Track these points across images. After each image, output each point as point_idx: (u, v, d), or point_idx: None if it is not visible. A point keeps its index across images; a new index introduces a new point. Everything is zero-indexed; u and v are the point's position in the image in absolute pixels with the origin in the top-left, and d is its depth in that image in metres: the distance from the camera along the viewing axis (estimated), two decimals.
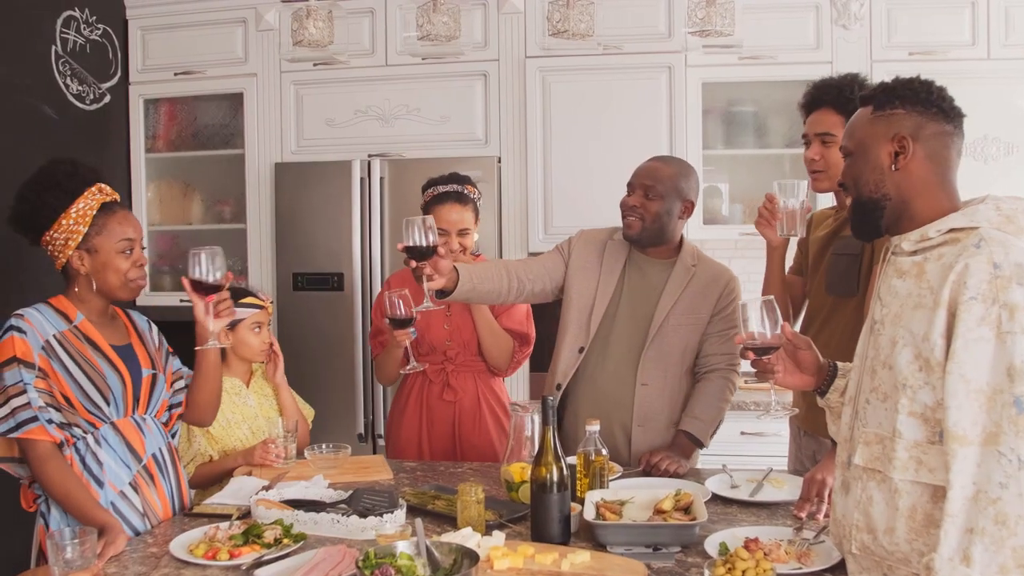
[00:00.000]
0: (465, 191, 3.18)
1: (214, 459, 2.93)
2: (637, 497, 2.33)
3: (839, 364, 2.05)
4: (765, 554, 1.94)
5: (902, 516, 1.68)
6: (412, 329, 2.87)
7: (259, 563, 2.03)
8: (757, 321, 2.00)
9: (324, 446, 2.88)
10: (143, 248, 2.46)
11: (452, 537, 2.04)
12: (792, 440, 2.93)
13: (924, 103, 1.77)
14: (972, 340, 1.59)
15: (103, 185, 2.43)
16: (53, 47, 4.19)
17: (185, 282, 2.37)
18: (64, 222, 2.35)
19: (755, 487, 2.56)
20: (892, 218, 1.80)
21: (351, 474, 2.76)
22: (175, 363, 2.63)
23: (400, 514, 2.24)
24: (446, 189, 3.16)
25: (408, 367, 2.92)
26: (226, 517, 2.34)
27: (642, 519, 2.23)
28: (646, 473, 2.72)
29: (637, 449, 2.85)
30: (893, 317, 1.74)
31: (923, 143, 1.76)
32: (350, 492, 2.45)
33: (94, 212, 2.37)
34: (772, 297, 2.03)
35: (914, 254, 1.75)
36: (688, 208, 2.90)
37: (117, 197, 2.47)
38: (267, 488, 2.51)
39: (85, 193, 2.38)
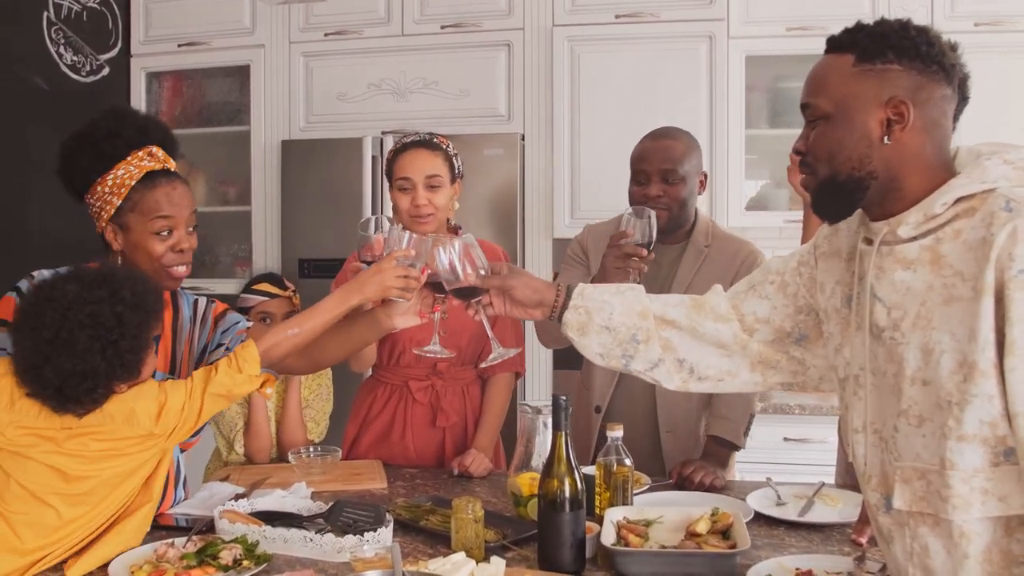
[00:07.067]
0: (435, 140, 2.63)
1: (224, 458, 2.81)
2: (667, 516, 1.97)
3: (577, 289, 1.81)
4: None
5: (975, 562, 1.33)
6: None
7: None
8: (449, 263, 1.90)
9: (311, 448, 2.55)
10: (191, 230, 2.07)
11: (440, 564, 1.69)
12: (839, 450, 2.54)
13: (924, 58, 1.39)
14: None
15: (155, 149, 2.05)
16: (45, 13, 3.91)
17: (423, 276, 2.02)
18: (100, 189, 2.01)
19: (804, 505, 2.19)
20: (876, 198, 1.44)
21: (340, 481, 2.42)
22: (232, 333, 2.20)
23: (386, 532, 1.90)
24: (411, 139, 2.62)
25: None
26: (188, 530, 2.01)
27: (672, 543, 1.87)
28: (678, 487, 2.36)
29: (669, 460, 2.49)
30: (916, 320, 1.38)
31: (921, 110, 1.39)
32: (331, 504, 2.11)
33: (133, 182, 2.00)
34: (471, 239, 1.90)
35: (915, 238, 1.40)
36: (703, 181, 2.61)
37: (170, 165, 2.08)
38: (240, 496, 2.19)
39: (129, 157, 2.01)
